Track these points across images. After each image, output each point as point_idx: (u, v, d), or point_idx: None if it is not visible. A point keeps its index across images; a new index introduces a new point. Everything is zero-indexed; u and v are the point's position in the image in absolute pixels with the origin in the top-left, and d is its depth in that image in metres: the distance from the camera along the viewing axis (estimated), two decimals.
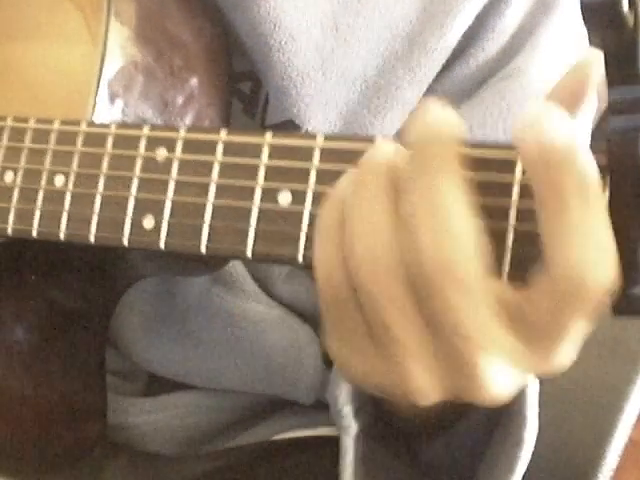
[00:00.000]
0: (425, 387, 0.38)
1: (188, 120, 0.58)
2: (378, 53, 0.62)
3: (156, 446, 0.72)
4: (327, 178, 0.43)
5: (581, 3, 0.32)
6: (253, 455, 0.71)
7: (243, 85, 0.66)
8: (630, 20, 0.32)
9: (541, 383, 0.61)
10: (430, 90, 0.63)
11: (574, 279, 0.34)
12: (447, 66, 0.63)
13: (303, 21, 0.61)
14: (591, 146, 0.37)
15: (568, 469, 0.61)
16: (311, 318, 0.69)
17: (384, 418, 0.55)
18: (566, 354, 0.37)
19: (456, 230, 0.35)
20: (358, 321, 0.39)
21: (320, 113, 0.62)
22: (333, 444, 0.56)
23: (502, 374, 0.37)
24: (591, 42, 0.34)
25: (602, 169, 0.36)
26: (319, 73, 0.61)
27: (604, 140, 0.36)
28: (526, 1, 0.63)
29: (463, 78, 0.64)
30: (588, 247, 0.34)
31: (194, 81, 0.58)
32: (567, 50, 0.63)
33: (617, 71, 0.34)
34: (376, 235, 0.37)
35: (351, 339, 0.40)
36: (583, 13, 0.32)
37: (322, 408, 0.69)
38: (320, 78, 0.61)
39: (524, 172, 0.38)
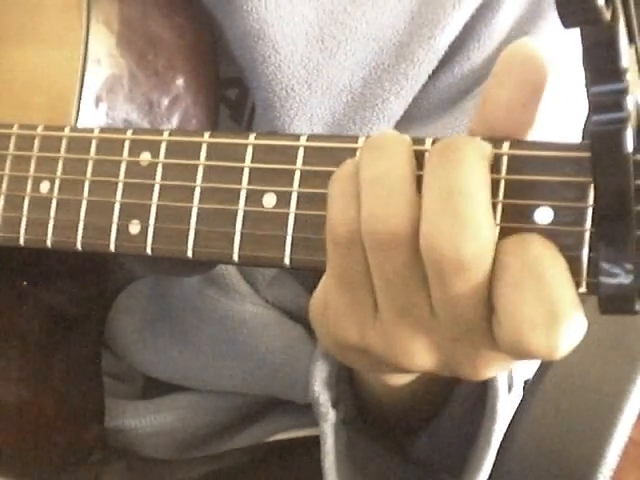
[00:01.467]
0: (418, 351, 0.39)
1: (175, 120, 0.58)
2: (364, 65, 0.61)
3: (153, 448, 0.72)
4: (311, 179, 0.43)
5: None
6: (250, 457, 0.71)
7: (230, 92, 0.66)
8: (607, 14, 0.32)
9: (541, 384, 0.61)
10: (415, 99, 0.62)
11: (514, 339, 0.35)
12: (432, 75, 0.62)
13: (288, 34, 0.60)
14: (577, 143, 0.37)
15: (568, 469, 0.60)
16: (299, 319, 0.69)
17: (366, 414, 0.55)
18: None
19: (474, 221, 0.35)
20: (363, 275, 0.39)
21: (305, 126, 0.61)
22: None
23: (496, 360, 0.39)
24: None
25: (586, 164, 0.36)
26: (304, 86, 0.60)
27: (587, 136, 0.35)
28: (515, 11, 0.62)
29: (448, 87, 0.63)
30: (526, 307, 0.35)
31: (180, 81, 0.58)
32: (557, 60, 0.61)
33: (598, 67, 0.34)
34: (382, 209, 0.37)
35: (353, 293, 0.40)
36: (558, 7, 0.32)
37: None
38: (305, 91, 0.61)
39: (509, 169, 0.38)
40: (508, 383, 0.52)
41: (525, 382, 0.62)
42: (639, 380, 0.60)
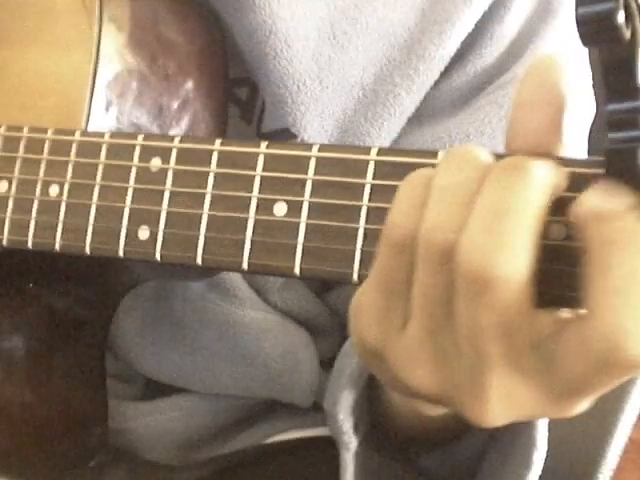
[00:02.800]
0: (425, 378, 0.38)
1: (184, 124, 0.58)
2: (376, 61, 0.61)
3: (154, 449, 0.72)
4: (323, 189, 0.43)
5: (575, 16, 0.32)
6: (250, 459, 0.71)
7: (240, 91, 0.65)
8: (627, 33, 0.32)
9: None
10: (428, 97, 0.63)
11: (609, 344, 0.33)
12: (445, 73, 0.62)
13: (300, 28, 0.60)
14: (588, 159, 0.37)
15: (568, 469, 0.61)
16: (306, 323, 0.69)
17: (380, 428, 0.55)
18: (580, 406, 0.37)
19: (511, 245, 0.34)
20: (403, 284, 0.38)
21: (316, 122, 0.61)
22: (331, 445, 0.56)
23: (508, 400, 0.36)
24: (590, 57, 0.34)
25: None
26: (316, 81, 0.61)
27: (601, 153, 0.35)
28: (526, 8, 0.62)
29: (461, 85, 0.63)
30: (629, 315, 0.32)
31: (189, 85, 0.58)
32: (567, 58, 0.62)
33: (615, 85, 0.34)
34: (445, 220, 0.36)
35: (389, 295, 0.39)
36: (578, 26, 0.32)
37: (320, 409, 0.69)
38: (317, 86, 0.61)
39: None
40: None
41: None
42: (639, 380, 0.60)
